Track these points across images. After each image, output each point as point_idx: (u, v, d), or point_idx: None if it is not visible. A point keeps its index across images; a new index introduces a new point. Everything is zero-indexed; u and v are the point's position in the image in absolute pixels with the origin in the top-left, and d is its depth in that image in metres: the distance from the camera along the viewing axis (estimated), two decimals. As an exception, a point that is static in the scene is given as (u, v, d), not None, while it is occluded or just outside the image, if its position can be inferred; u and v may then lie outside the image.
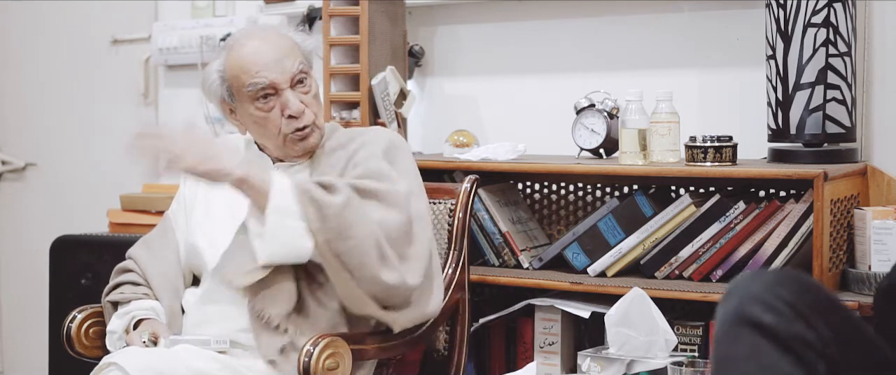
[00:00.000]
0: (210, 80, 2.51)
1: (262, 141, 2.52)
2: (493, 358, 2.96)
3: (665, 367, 2.40)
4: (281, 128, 2.45)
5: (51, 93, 4.24)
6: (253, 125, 2.48)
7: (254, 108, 2.45)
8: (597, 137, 2.90)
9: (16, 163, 4.34)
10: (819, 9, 2.63)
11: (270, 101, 2.44)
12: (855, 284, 2.55)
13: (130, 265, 2.58)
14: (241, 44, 2.48)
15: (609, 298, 2.61)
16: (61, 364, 3.28)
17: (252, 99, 2.44)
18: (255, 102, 2.44)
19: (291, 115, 2.43)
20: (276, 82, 2.43)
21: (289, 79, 2.44)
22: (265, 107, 2.44)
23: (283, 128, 2.45)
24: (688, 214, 2.72)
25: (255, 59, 2.44)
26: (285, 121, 2.44)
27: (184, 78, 3.89)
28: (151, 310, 2.47)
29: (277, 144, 2.48)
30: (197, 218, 2.56)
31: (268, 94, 2.43)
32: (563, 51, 3.18)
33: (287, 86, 2.44)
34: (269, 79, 2.43)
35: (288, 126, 2.44)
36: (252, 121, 2.47)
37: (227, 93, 2.48)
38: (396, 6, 3.16)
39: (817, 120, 2.66)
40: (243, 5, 3.75)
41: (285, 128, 2.45)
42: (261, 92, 2.43)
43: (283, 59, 2.45)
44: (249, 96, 2.44)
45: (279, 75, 2.43)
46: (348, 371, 2.31)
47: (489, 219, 2.94)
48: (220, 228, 2.50)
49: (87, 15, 4.12)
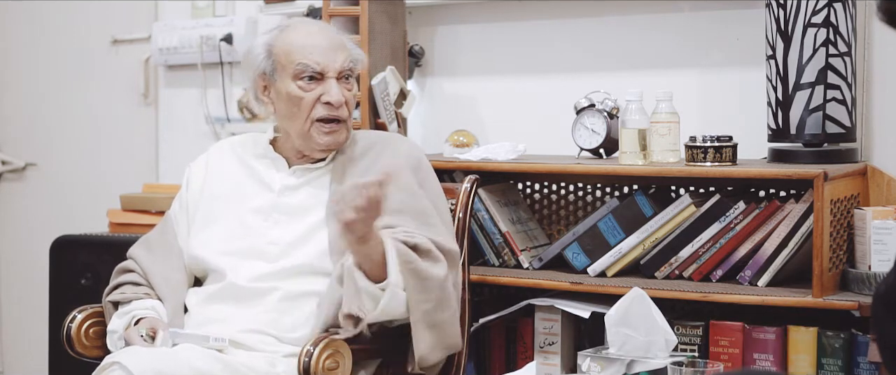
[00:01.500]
0: (254, 54, 2.53)
1: (288, 124, 2.52)
2: (493, 358, 2.96)
3: (665, 367, 2.40)
4: (312, 113, 2.47)
5: (51, 93, 4.24)
6: (285, 103, 2.49)
7: (295, 86, 2.47)
8: (597, 137, 2.90)
9: (16, 163, 4.34)
10: (819, 9, 2.63)
11: (312, 84, 2.48)
12: (855, 284, 2.55)
13: (131, 265, 2.58)
14: (296, 27, 2.54)
15: (609, 298, 2.61)
16: (61, 364, 3.28)
17: (296, 76, 2.47)
18: (298, 81, 2.47)
19: (328, 102, 2.46)
20: (326, 69, 2.48)
21: (337, 71, 2.48)
22: (306, 86, 2.47)
23: (314, 112, 2.47)
24: (688, 214, 2.72)
25: (311, 41, 2.49)
26: (320, 106, 2.47)
27: (184, 78, 3.89)
28: (152, 310, 2.47)
29: (302, 130, 2.49)
30: (200, 221, 2.55)
31: (313, 78, 2.47)
32: (563, 51, 3.18)
33: (333, 76, 2.48)
34: (320, 63, 2.47)
35: (320, 111, 2.47)
36: (287, 98, 2.48)
37: (271, 66, 2.50)
38: (396, 6, 3.16)
39: (817, 120, 2.66)
40: (243, 5, 3.75)
41: (316, 114, 2.47)
42: (308, 72, 2.47)
43: (336, 50, 2.50)
44: (294, 73, 2.47)
45: (330, 63, 2.48)
46: (348, 371, 2.31)
47: (489, 219, 2.94)
48: (227, 232, 2.50)
49: (87, 15, 4.12)
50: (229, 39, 3.70)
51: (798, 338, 2.58)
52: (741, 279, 2.67)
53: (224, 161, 2.62)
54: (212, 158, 2.64)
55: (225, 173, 2.60)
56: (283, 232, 2.48)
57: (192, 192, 2.61)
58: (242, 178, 2.58)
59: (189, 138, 3.88)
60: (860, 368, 2.52)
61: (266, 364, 2.36)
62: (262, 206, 2.52)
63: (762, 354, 2.60)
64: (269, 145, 2.59)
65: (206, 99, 3.80)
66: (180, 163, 3.83)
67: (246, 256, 2.47)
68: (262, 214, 2.51)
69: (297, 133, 2.51)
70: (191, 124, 3.88)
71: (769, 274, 2.63)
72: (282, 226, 2.49)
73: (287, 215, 2.50)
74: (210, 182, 2.59)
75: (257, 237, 2.49)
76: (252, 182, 2.56)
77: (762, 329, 2.60)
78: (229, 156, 2.62)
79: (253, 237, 2.49)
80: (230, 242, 2.50)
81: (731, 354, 2.62)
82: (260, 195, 2.54)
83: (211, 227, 2.53)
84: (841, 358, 2.53)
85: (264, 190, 2.54)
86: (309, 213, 2.49)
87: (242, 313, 2.42)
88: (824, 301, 2.50)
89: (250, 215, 2.52)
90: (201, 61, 3.77)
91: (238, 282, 2.45)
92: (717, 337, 2.64)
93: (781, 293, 2.57)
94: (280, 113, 2.53)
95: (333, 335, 2.31)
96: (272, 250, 2.47)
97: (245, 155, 2.61)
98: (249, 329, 2.40)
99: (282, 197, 2.52)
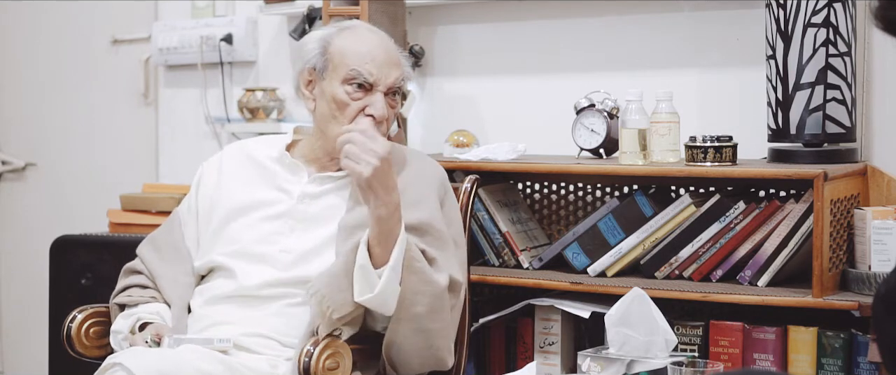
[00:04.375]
0: (309, 47, 2.50)
1: (325, 125, 2.48)
2: (493, 358, 2.96)
3: (665, 367, 2.40)
4: (354, 121, 2.43)
5: (51, 93, 4.24)
6: (328, 104, 2.46)
7: (341, 90, 2.44)
8: (597, 137, 2.90)
9: (16, 163, 4.35)
10: (819, 9, 2.63)
11: (360, 93, 2.44)
12: (855, 284, 2.55)
13: (138, 265, 2.57)
14: (358, 31, 2.51)
15: (609, 298, 2.61)
16: (61, 364, 3.28)
17: (346, 80, 2.44)
18: (346, 85, 2.44)
19: (371, 115, 2.43)
20: (378, 82, 2.44)
21: (388, 86, 2.45)
22: (353, 94, 2.44)
23: (356, 123, 2.42)
24: (688, 214, 2.72)
25: (370, 50, 2.45)
26: (362, 118, 2.43)
27: (184, 78, 3.89)
28: (157, 315, 2.46)
29: (338, 135, 2.43)
30: (213, 222, 2.53)
31: (362, 86, 2.44)
32: (563, 51, 3.18)
33: (383, 90, 2.45)
34: (374, 75, 2.44)
35: (362, 123, 2.41)
36: (331, 98, 2.45)
37: (323, 64, 2.47)
38: (396, 6, 3.16)
39: (817, 120, 2.66)
40: (243, 5, 3.75)
41: (359, 124, 2.41)
42: (360, 79, 2.43)
43: (392, 65, 2.47)
44: (345, 77, 2.44)
45: (384, 77, 2.45)
46: (348, 371, 2.31)
47: (489, 219, 2.94)
48: (240, 234, 2.48)
49: (87, 15, 4.12)
50: (229, 39, 3.70)
51: (798, 338, 2.58)
52: (741, 279, 2.67)
53: (238, 164, 2.57)
54: (225, 161, 2.60)
55: (239, 176, 2.55)
56: (297, 241, 2.45)
57: (203, 193, 2.58)
58: (258, 182, 2.54)
59: (189, 138, 3.88)
60: (860, 368, 2.52)
61: (268, 365, 2.35)
62: (280, 212, 2.48)
63: (762, 354, 2.60)
64: (285, 151, 2.56)
65: (206, 99, 3.80)
66: (180, 163, 3.85)
67: (257, 261, 2.45)
68: (279, 220, 2.49)
69: (333, 137, 2.44)
70: (191, 124, 3.88)
71: (769, 274, 2.63)
72: (297, 235, 2.46)
73: (303, 223, 2.47)
74: (224, 185, 2.55)
75: (271, 243, 2.46)
76: (268, 187, 2.52)
77: (762, 329, 2.60)
78: (244, 159, 2.58)
79: (267, 242, 2.46)
80: (242, 245, 2.47)
81: (731, 354, 2.62)
82: (277, 200, 2.50)
83: (224, 229, 2.51)
84: (841, 358, 2.53)
85: (283, 196, 2.50)
86: (324, 225, 2.45)
87: (247, 316, 2.40)
88: (824, 301, 2.50)
89: (266, 220, 2.48)
90: (201, 61, 3.77)
91: (246, 285, 2.43)
92: (717, 337, 2.64)
93: (781, 293, 2.58)
94: (320, 111, 2.49)
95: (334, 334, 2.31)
96: (285, 258, 2.44)
97: (262, 158, 2.56)
98: (253, 332, 2.39)
99: (300, 205, 2.49)
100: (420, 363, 2.39)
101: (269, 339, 2.39)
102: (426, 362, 2.40)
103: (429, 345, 2.37)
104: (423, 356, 2.38)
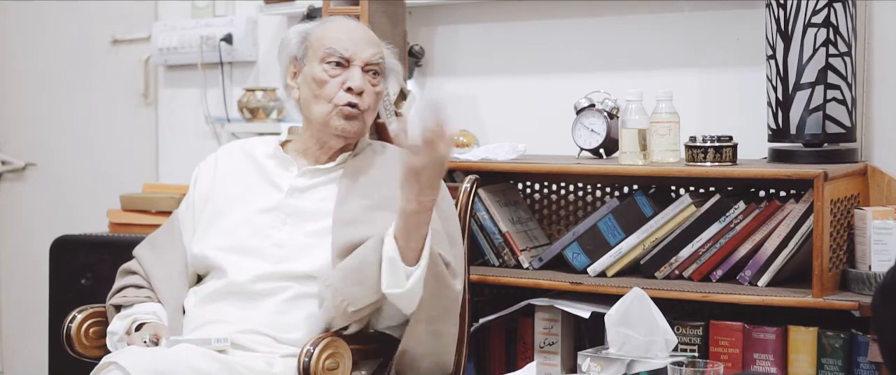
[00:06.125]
0: (289, 39, 2.58)
1: (311, 109, 2.52)
2: (493, 358, 2.96)
3: (665, 367, 2.40)
4: (334, 97, 2.49)
5: (51, 93, 4.24)
6: (310, 85, 2.51)
7: (321, 69, 2.50)
8: (597, 137, 2.90)
9: (16, 163, 4.35)
10: (819, 9, 2.63)
11: (338, 71, 2.50)
12: (855, 284, 2.55)
13: (134, 266, 2.58)
14: (336, 20, 2.60)
15: (609, 298, 2.61)
16: (61, 364, 3.28)
17: (323, 59, 2.50)
18: (324, 64, 2.50)
19: (350, 89, 2.48)
20: (353, 57, 2.50)
21: (364, 61, 2.51)
22: (331, 71, 2.50)
23: (336, 98, 2.48)
24: (688, 214, 2.72)
25: (345, 31, 2.54)
26: (342, 93, 2.48)
27: (184, 78, 3.89)
28: (154, 315, 2.47)
29: (322, 115, 2.49)
30: (207, 219, 2.55)
31: (339, 64, 2.50)
32: (563, 51, 3.18)
33: (359, 65, 2.50)
34: (350, 50, 2.50)
35: (342, 97, 2.48)
36: (311, 80, 2.51)
37: (303, 51, 2.54)
38: (396, 6, 3.16)
39: (817, 120, 2.66)
40: (243, 5, 3.75)
41: (338, 99, 2.48)
42: (335, 56, 2.49)
43: (368, 43, 2.53)
44: (322, 56, 2.50)
45: (359, 52, 2.50)
46: (348, 371, 2.31)
47: (489, 219, 2.94)
48: (232, 230, 2.50)
49: (87, 15, 4.12)
50: (229, 39, 3.70)
51: (798, 338, 2.58)
52: (741, 279, 2.67)
53: (234, 161, 2.61)
54: (221, 158, 2.63)
55: (234, 172, 2.59)
56: (288, 235, 2.47)
57: (199, 191, 2.60)
58: (251, 178, 2.57)
59: (189, 138, 3.88)
60: (860, 368, 2.52)
61: (264, 364, 2.36)
62: (270, 206, 2.51)
63: (762, 354, 2.60)
64: (279, 147, 2.59)
65: (206, 99, 3.80)
66: (180, 163, 3.85)
67: (248, 255, 2.47)
68: (270, 214, 2.50)
69: (318, 118, 2.50)
70: (191, 124, 3.88)
71: (769, 274, 2.63)
72: (288, 228, 2.48)
73: (293, 217, 2.49)
74: (219, 181, 2.59)
75: (263, 237, 2.48)
76: (261, 182, 2.55)
77: (762, 329, 2.60)
78: (239, 156, 2.61)
79: (258, 237, 2.48)
80: (234, 240, 2.49)
81: (731, 354, 2.62)
82: (268, 195, 2.53)
83: (216, 225, 2.53)
84: (841, 358, 2.53)
85: (273, 191, 2.53)
86: (315, 218, 2.47)
87: (240, 313, 2.41)
88: (824, 301, 2.50)
89: (257, 215, 2.51)
90: (201, 61, 3.77)
91: (238, 281, 2.44)
92: (717, 337, 2.64)
93: (781, 293, 2.58)
94: (304, 98, 2.54)
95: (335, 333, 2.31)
96: (276, 252, 2.46)
97: (256, 155, 2.60)
98: (247, 329, 2.39)
99: (290, 199, 2.51)
100: (429, 365, 2.40)
101: (263, 336, 2.39)
102: (435, 366, 2.41)
103: (438, 348, 2.39)
104: (433, 359, 2.40)
